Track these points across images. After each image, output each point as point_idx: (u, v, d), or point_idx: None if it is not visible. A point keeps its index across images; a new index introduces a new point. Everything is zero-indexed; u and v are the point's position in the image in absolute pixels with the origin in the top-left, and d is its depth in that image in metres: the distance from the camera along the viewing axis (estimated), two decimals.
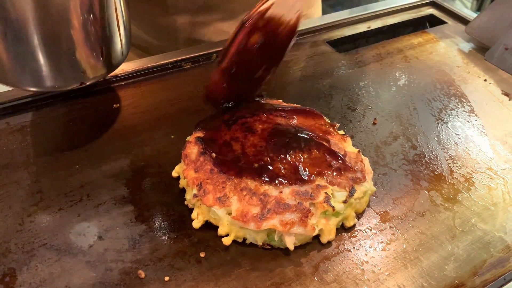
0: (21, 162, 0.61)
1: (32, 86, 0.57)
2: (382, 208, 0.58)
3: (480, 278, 0.50)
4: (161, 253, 0.51)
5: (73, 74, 0.58)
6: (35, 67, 0.55)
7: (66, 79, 0.58)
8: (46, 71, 0.56)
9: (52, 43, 0.54)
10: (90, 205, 0.56)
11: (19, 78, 0.57)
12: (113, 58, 0.61)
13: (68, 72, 0.57)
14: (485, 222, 0.56)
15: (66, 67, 0.57)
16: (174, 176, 0.60)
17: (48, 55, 0.55)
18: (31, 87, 0.57)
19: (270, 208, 0.51)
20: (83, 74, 0.57)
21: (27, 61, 0.54)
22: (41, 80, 0.57)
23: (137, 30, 0.92)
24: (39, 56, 0.54)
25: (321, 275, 0.50)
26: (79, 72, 0.57)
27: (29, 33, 0.52)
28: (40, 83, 0.57)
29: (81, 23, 0.54)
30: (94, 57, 0.58)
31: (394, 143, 0.67)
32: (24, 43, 0.53)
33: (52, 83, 0.58)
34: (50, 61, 0.55)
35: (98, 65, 0.59)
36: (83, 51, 0.56)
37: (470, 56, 0.87)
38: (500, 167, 0.64)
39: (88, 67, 0.58)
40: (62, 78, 0.58)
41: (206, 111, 0.68)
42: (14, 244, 0.51)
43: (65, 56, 0.55)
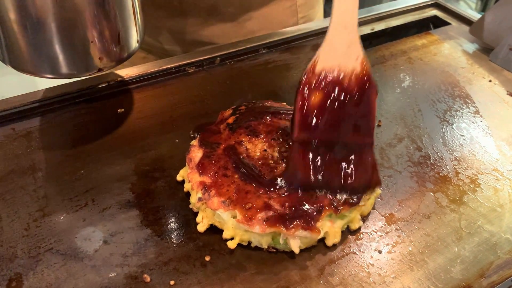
0: (27, 168, 0.61)
1: (50, 74, 0.58)
2: (388, 210, 0.58)
3: (487, 280, 0.50)
4: (166, 257, 0.51)
5: (90, 61, 0.58)
6: (53, 54, 0.55)
7: (83, 66, 0.58)
8: (63, 58, 0.56)
9: (70, 30, 0.54)
10: (95, 209, 0.56)
11: (36, 66, 0.57)
12: (129, 44, 0.61)
13: (85, 59, 0.58)
14: (492, 224, 0.56)
15: (84, 54, 0.57)
16: (179, 180, 0.60)
17: (65, 42, 0.55)
18: (49, 74, 0.58)
19: (275, 211, 0.51)
20: (100, 60, 0.58)
21: (44, 48, 0.55)
22: (59, 67, 0.57)
23: None
24: (56, 43, 0.54)
25: (326, 278, 0.50)
26: (96, 59, 0.58)
27: (47, 20, 0.52)
28: (58, 70, 0.57)
29: (98, 10, 0.55)
30: (111, 43, 0.58)
31: (399, 145, 0.67)
32: (42, 31, 0.53)
33: (70, 70, 0.58)
34: (68, 48, 0.56)
35: (115, 51, 0.60)
36: (100, 38, 0.57)
37: (475, 57, 0.87)
38: (506, 168, 0.63)
39: (105, 54, 0.58)
40: (79, 65, 0.58)
41: (211, 115, 0.68)
42: (20, 249, 0.52)
43: (82, 43, 0.56)
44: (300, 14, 0.96)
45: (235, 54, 0.84)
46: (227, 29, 0.90)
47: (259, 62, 0.84)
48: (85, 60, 0.58)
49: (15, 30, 0.53)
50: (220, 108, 0.67)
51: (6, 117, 0.69)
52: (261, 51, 0.86)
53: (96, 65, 0.59)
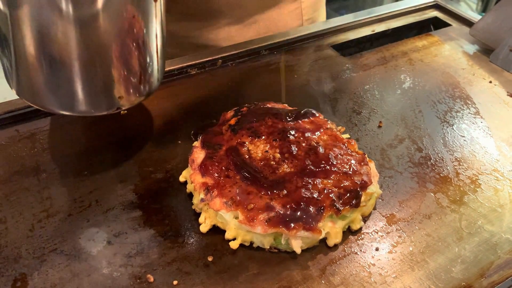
0: (31, 169, 0.62)
1: (68, 111, 0.56)
2: (389, 210, 0.58)
3: (488, 279, 0.50)
4: (169, 257, 0.52)
5: (110, 100, 0.57)
6: (71, 92, 0.54)
7: (102, 104, 0.57)
8: (82, 96, 0.55)
9: (91, 69, 0.53)
10: (99, 210, 0.57)
11: (54, 103, 0.55)
12: (150, 83, 0.60)
13: (105, 97, 0.56)
14: (492, 224, 0.56)
15: (104, 93, 0.56)
16: (182, 181, 0.60)
17: (86, 81, 0.54)
18: (67, 111, 0.56)
19: (277, 212, 0.51)
20: (120, 99, 0.56)
21: (62, 85, 0.53)
22: (77, 105, 0.55)
23: None
24: (77, 82, 0.53)
25: (328, 278, 0.50)
26: (116, 98, 0.56)
27: (68, 58, 0.51)
28: (77, 108, 0.56)
29: (122, 50, 0.54)
30: (132, 83, 0.57)
31: (400, 146, 0.67)
32: (61, 68, 0.52)
33: (88, 108, 0.56)
34: (88, 87, 0.54)
35: (135, 91, 0.58)
36: (122, 78, 0.55)
37: (475, 58, 0.87)
38: (507, 169, 0.64)
39: (125, 93, 0.57)
40: (98, 104, 0.57)
41: (213, 116, 0.69)
42: (25, 249, 0.52)
43: (103, 82, 0.55)
44: (305, 16, 0.96)
45: (237, 55, 0.84)
46: (233, 32, 0.90)
47: (261, 63, 0.84)
48: (104, 99, 0.57)
49: (32, 64, 0.52)
50: (222, 109, 0.68)
51: (10, 119, 0.69)
52: (262, 52, 0.86)
53: (115, 104, 0.57)
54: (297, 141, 0.59)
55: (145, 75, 0.58)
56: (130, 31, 0.53)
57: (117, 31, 0.52)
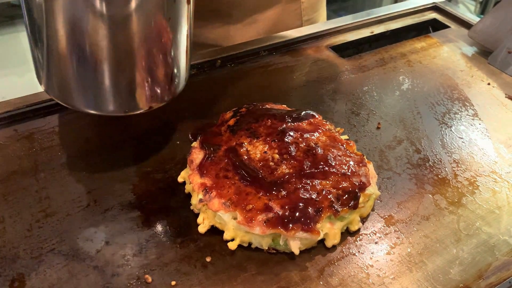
0: (29, 169, 0.62)
1: (94, 110, 0.56)
2: (387, 212, 0.58)
3: (485, 281, 0.51)
4: (168, 258, 0.52)
5: (139, 101, 0.57)
6: (101, 91, 0.54)
7: (132, 105, 0.57)
8: (114, 96, 0.55)
9: (123, 69, 0.53)
10: (97, 210, 0.57)
11: (84, 101, 0.55)
12: (179, 84, 0.61)
13: (134, 98, 0.56)
14: (490, 226, 0.56)
15: (134, 94, 0.56)
16: (180, 182, 0.60)
17: (118, 80, 0.53)
18: (92, 110, 0.56)
19: (275, 213, 0.51)
20: (149, 100, 0.57)
21: (96, 85, 0.53)
22: (109, 104, 0.55)
23: None
24: (109, 81, 0.53)
25: (326, 279, 0.50)
26: (145, 99, 0.57)
27: (102, 58, 0.51)
28: (107, 108, 0.56)
29: (154, 51, 0.53)
30: (162, 84, 0.57)
31: (398, 147, 0.67)
32: (95, 67, 0.51)
33: (119, 108, 0.56)
34: (120, 87, 0.54)
35: (166, 91, 0.59)
36: (153, 78, 0.55)
37: (474, 60, 0.87)
38: (505, 171, 0.64)
39: (155, 94, 0.57)
40: (129, 104, 0.57)
41: (211, 117, 0.69)
42: (22, 249, 0.52)
43: (134, 82, 0.54)
44: (304, 17, 0.96)
45: (236, 56, 0.84)
46: (233, 31, 0.90)
47: (260, 64, 0.84)
48: (134, 99, 0.56)
49: (64, 61, 0.51)
50: (221, 110, 0.68)
51: (8, 119, 0.69)
52: (261, 53, 0.86)
53: (144, 105, 0.57)
54: (296, 142, 0.59)
55: (175, 76, 0.58)
56: (163, 33, 0.53)
57: (150, 33, 0.52)
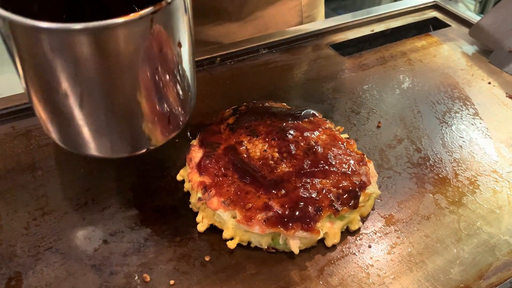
0: (27, 166, 0.61)
1: (97, 153, 0.53)
2: (387, 211, 0.58)
3: (486, 281, 0.50)
4: (166, 256, 0.51)
5: (140, 142, 0.54)
6: (102, 136, 0.51)
7: (133, 146, 0.54)
8: (113, 139, 0.52)
9: (123, 113, 0.50)
10: (95, 209, 0.56)
11: (84, 145, 0.52)
12: (181, 121, 0.56)
13: (135, 140, 0.53)
14: (491, 225, 0.56)
15: (134, 136, 0.53)
16: (179, 180, 0.60)
17: (117, 124, 0.50)
18: (96, 153, 0.53)
19: (275, 212, 0.51)
20: (149, 141, 0.54)
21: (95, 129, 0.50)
22: (107, 148, 0.53)
23: None
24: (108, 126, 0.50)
25: (326, 278, 0.50)
26: (145, 140, 0.53)
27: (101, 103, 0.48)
28: (106, 151, 0.53)
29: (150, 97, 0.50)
30: (163, 124, 0.54)
31: (399, 146, 0.67)
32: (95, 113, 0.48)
33: (118, 151, 0.54)
34: (118, 131, 0.51)
35: (166, 130, 0.55)
36: (153, 121, 0.52)
37: (474, 59, 0.87)
38: (505, 170, 0.64)
39: (156, 134, 0.54)
40: (129, 146, 0.54)
41: (211, 115, 0.68)
42: (20, 248, 0.52)
43: (133, 126, 0.51)
44: (305, 13, 0.96)
45: (235, 54, 0.84)
46: (233, 29, 0.90)
47: (259, 62, 0.84)
48: (134, 141, 0.53)
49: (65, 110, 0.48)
50: (220, 108, 0.67)
51: (6, 116, 0.68)
52: (261, 51, 0.86)
53: (144, 145, 0.54)
54: (296, 140, 0.59)
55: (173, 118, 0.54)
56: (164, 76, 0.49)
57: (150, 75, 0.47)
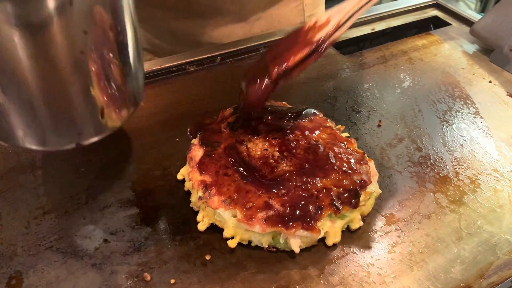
0: (27, 165, 0.61)
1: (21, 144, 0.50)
2: (388, 210, 0.58)
3: (487, 280, 0.50)
4: (167, 255, 0.51)
5: (68, 136, 0.50)
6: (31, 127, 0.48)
7: (60, 140, 0.51)
8: (39, 131, 0.49)
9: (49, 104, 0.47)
10: (96, 208, 0.56)
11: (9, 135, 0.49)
12: (115, 118, 0.52)
13: (63, 133, 0.50)
14: (491, 224, 0.56)
15: (61, 128, 0.49)
16: (179, 179, 0.60)
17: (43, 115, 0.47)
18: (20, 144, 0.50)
19: (275, 211, 0.51)
20: (79, 136, 0.50)
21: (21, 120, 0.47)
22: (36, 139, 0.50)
23: (147, 35, 0.93)
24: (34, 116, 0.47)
25: (326, 277, 0.50)
26: (75, 134, 0.50)
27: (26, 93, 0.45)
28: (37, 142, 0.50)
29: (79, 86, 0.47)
30: (92, 118, 0.50)
31: (399, 145, 0.67)
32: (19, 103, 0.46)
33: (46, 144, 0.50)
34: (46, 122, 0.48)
35: (97, 126, 0.51)
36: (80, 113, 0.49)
37: (475, 58, 0.87)
38: (506, 169, 0.64)
39: (85, 129, 0.50)
40: (56, 139, 0.50)
41: (211, 114, 0.68)
42: (20, 247, 0.52)
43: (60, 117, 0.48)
44: (306, 13, 0.96)
45: (235, 53, 0.84)
46: (236, 29, 0.90)
47: None
48: (62, 135, 0.50)
49: None
50: (221, 107, 0.67)
51: None
52: (261, 50, 0.86)
53: (74, 140, 0.50)
54: (296, 139, 0.58)
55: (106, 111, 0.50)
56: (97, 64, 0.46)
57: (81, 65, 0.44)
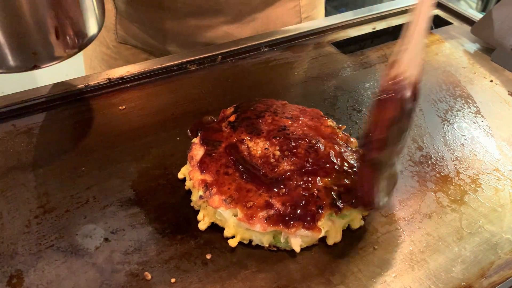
0: (28, 164, 0.61)
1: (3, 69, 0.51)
2: (388, 210, 0.58)
3: (488, 280, 0.50)
4: (167, 254, 0.51)
5: (23, 56, 0.50)
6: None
7: (16, 61, 0.50)
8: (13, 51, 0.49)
9: None
10: (97, 207, 0.56)
11: None
12: (73, 39, 0.52)
13: (17, 53, 0.50)
14: (492, 224, 0.56)
15: (15, 47, 0.49)
16: (180, 178, 0.60)
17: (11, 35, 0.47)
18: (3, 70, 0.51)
19: (276, 210, 0.51)
20: (34, 55, 0.50)
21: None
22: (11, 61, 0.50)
23: (143, 35, 0.93)
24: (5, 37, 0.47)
25: (327, 277, 0.50)
26: (30, 54, 0.50)
27: None
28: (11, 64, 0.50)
29: None
30: (46, 37, 0.50)
31: None
32: None
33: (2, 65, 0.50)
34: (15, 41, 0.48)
35: (53, 46, 0.51)
36: (33, 30, 0.48)
37: (476, 57, 0.87)
38: (507, 168, 0.64)
39: (40, 49, 0.50)
40: (11, 60, 0.50)
41: (212, 113, 0.68)
42: (21, 246, 0.52)
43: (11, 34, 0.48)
44: (303, 14, 0.96)
45: (236, 52, 0.84)
46: (232, 30, 0.90)
47: (261, 60, 0.83)
48: (16, 55, 0.50)
49: None
50: (222, 106, 0.67)
51: (6, 114, 0.68)
52: (262, 49, 0.86)
53: (30, 61, 0.50)
54: (297, 138, 0.58)
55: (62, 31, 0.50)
56: None
57: None
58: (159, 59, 0.81)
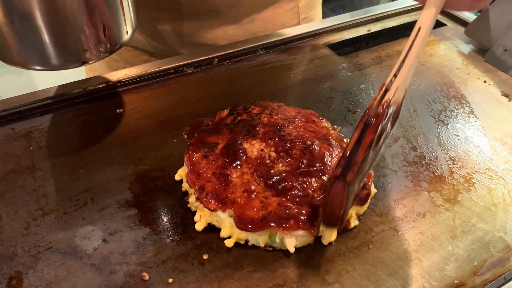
0: (26, 167, 0.62)
1: (34, 65, 0.56)
2: (383, 209, 0.58)
3: (481, 277, 0.51)
4: (165, 255, 0.52)
5: (74, 53, 0.56)
6: (37, 45, 0.54)
7: (67, 58, 0.57)
8: (46, 49, 0.55)
9: (52, 21, 0.53)
10: (95, 208, 0.57)
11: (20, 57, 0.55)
12: (116, 37, 0.59)
13: (68, 51, 0.56)
14: (485, 222, 0.57)
15: (67, 45, 0.55)
16: (177, 180, 0.61)
17: (47, 33, 0.53)
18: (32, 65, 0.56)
19: (272, 211, 0.51)
20: (84, 52, 0.56)
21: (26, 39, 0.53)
22: (41, 58, 0.56)
23: (142, 36, 0.93)
24: (39, 34, 0.53)
25: (322, 276, 0.51)
26: (80, 51, 0.56)
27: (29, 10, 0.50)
28: (41, 62, 0.56)
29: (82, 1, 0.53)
30: (96, 36, 0.56)
31: (394, 145, 0.68)
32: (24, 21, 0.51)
33: (54, 62, 0.56)
34: (50, 39, 0.54)
35: (100, 44, 0.58)
36: (85, 30, 0.55)
37: (470, 58, 0.88)
38: (500, 168, 0.64)
39: (89, 46, 0.56)
40: (63, 57, 0.56)
41: (209, 116, 0.69)
42: (20, 248, 0.52)
43: (65, 34, 0.54)
44: (302, 15, 0.97)
45: (232, 54, 0.85)
46: (230, 31, 0.90)
47: (257, 63, 0.84)
48: (68, 52, 0.56)
49: None
50: (218, 108, 0.68)
51: (5, 117, 0.69)
52: (258, 52, 0.86)
53: (80, 57, 0.57)
54: (293, 140, 0.59)
55: (109, 28, 0.57)
56: None
57: None
58: (156, 62, 0.82)
